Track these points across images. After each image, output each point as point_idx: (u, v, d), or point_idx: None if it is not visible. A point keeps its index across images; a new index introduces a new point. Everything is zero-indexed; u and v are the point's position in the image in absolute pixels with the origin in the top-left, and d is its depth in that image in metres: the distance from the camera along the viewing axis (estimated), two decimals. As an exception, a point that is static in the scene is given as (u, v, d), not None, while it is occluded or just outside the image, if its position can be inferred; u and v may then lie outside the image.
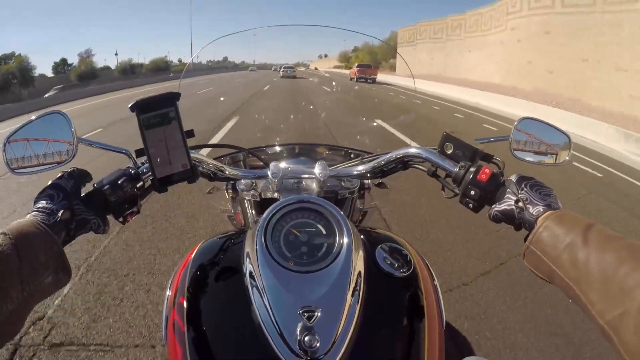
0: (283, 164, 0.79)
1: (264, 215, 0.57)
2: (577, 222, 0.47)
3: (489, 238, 2.75)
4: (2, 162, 0.60)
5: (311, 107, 1.36)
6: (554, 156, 0.70)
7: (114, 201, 0.56)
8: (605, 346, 0.43)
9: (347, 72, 10.59)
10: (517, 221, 0.55)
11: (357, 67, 10.91)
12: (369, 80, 8.15)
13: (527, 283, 2.20)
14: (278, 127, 1.16)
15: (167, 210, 3.10)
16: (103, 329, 1.77)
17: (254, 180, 0.76)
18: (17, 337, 1.68)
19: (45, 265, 0.45)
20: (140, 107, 0.55)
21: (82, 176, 0.58)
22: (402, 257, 0.60)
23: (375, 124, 1.19)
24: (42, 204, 0.51)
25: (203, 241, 0.67)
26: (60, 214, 0.50)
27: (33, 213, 0.50)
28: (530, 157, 0.69)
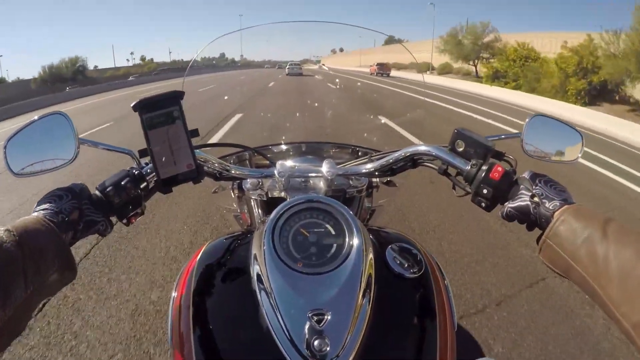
0: (290, 163, 0.78)
1: (272, 215, 0.55)
2: (595, 216, 0.46)
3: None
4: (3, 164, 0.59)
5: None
6: (566, 154, 0.69)
7: (118, 202, 0.54)
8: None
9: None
10: (532, 217, 0.53)
11: (376, 65, 13.10)
12: (384, 75, 11.43)
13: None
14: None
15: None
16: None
17: (260, 180, 0.75)
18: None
19: (50, 263, 0.44)
20: (143, 107, 0.54)
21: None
22: (412, 257, 0.58)
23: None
24: (50, 203, 0.50)
25: (209, 242, 0.66)
26: (69, 214, 0.49)
27: (39, 211, 0.49)
28: (542, 155, 0.68)
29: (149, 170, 0.58)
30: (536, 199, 0.52)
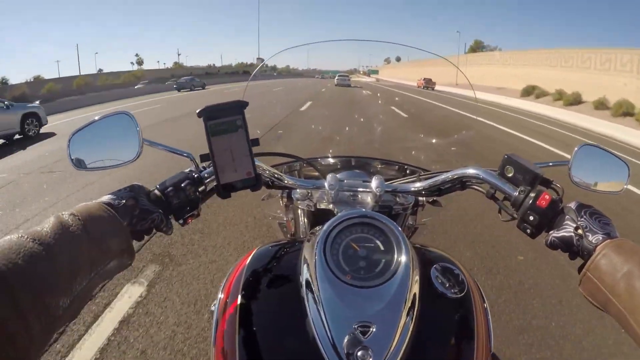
0: (339, 176, 0.80)
1: (325, 227, 0.57)
2: (636, 251, 0.46)
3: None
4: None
5: None
6: (612, 184, 0.69)
7: (176, 203, 0.57)
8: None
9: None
10: (574, 249, 0.54)
11: (423, 79, 15.15)
12: (429, 89, 13.47)
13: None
14: None
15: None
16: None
17: (310, 190, 0.76)
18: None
19: (112, 248, 0.45)
20: (208, 114, 0.57)
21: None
22: (454, 278, 0.59)
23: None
24: (109, 194, 0.52)
25: (258, 247, 0.68)
26: (126, 200, 0.51)
27: (100, 199, 0.51)
28: (588, 184, 0.68)
29: (207, 174, 0.60)
30: (580, 231, 0.52)
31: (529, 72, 26.05)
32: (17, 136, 8.38)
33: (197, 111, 0.57)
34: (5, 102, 8.48)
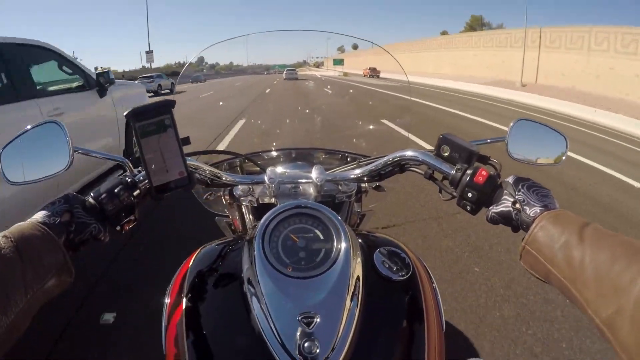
0: (280, 169, 0.79)
1: (262, 221, 0.57)
2: (573, 221, 0.47)
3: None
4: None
5: None
6: (551, 157, 0.70)
7: (111, 210, 0.55)
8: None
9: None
10: (514, 222, 0.55)
11: (369, 69, 16.16)
12: (375, 76, 14.39)
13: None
14: None
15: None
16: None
17: (251, 186, 0.76)
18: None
19: (48, 268, 0.45)
20: (136, 115, 0.55)
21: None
22: (400, 261, 0.60)
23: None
24: (44, 210, 0.51)
25: (201, 247, 0.67)
26: (60, 215, 0.50)
27: (34, 217, 0.50)
28: (526, 158, 0.69)
29: (141, 178, 0.59)
30: (517, 205, 0.53)
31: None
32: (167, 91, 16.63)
33: (125, 113, 0.55)
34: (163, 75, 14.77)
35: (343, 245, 0.53)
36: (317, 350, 0.44)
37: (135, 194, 0.58)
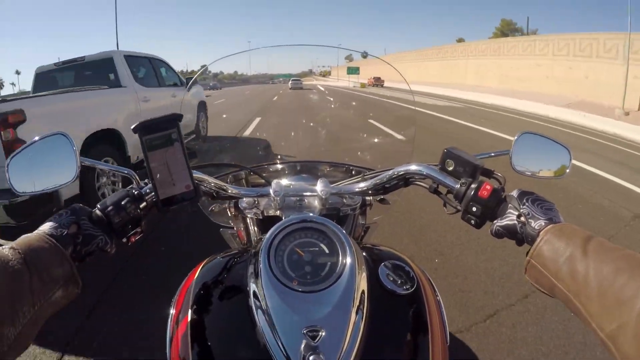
0: (285, 182, 0.80)
1: (267, 235, 0.57)
2: (577, 234, 0.47)
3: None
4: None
5: None
6: (555, 169, 0.70)
7: (118, 222, 0.56)
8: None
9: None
10: (519, 236, 0.55)
11: (373, 78, 17.62)
12: (379, 85, 15.69)
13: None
14: None
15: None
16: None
17: (256, 199, 0.76)
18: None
19: (55, 279, 0.45)
20: (143, 129, 0.56)
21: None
22: (405, 274, 0.60)
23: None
24: (51, 221, 0.51)
25: (207, 260, 0.67)
26: (68, 227, 0.51)
27: (41, 228, 0.50)
28: (530, 171, 0.69)
29: (148, 191, 0.59)
30: (522, 218, 0.53)
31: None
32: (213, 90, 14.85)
33: (132, 127, 0.56)
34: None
35: (348, 259, 0.54)
36: None
37: (141, 206, 0.58)
